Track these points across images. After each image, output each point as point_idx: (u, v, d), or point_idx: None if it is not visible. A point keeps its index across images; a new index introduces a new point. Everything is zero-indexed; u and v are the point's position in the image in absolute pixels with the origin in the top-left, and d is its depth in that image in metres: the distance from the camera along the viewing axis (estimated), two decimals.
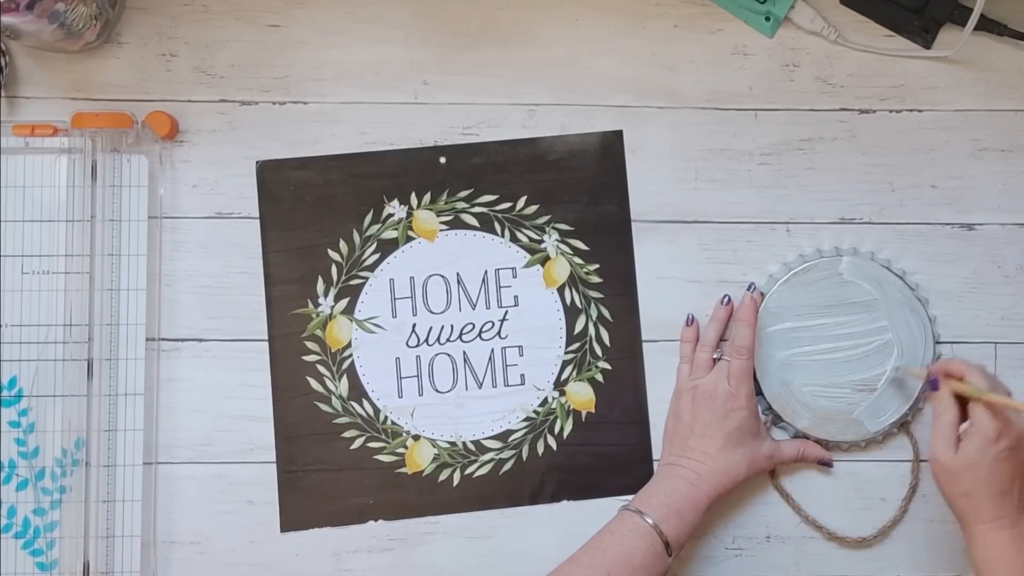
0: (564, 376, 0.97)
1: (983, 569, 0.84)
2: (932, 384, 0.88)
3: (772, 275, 0.97)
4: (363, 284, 0.97)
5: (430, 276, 0.97)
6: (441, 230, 0.97)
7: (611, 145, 0.98)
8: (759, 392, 0.95)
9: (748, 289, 0.95)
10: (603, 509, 0.92)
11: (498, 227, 0.97)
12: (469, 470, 0.96)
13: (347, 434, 0.96)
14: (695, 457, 0.91)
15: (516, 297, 0.97)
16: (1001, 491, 0.83)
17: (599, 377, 0.97)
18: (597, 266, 0.97)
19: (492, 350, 0.97)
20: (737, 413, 0.91)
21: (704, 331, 0.96)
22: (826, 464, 0.95)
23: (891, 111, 0.99)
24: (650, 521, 0.87)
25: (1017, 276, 0.98)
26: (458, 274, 0.97)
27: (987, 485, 0.83)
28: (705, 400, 0.92)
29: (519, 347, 0.97)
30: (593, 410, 0.96)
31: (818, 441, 0.95)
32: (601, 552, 0.86)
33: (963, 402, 0.86)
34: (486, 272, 0.97)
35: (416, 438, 0.96)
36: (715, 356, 0.94)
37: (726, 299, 0.96)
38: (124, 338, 0.95)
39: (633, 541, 0.86)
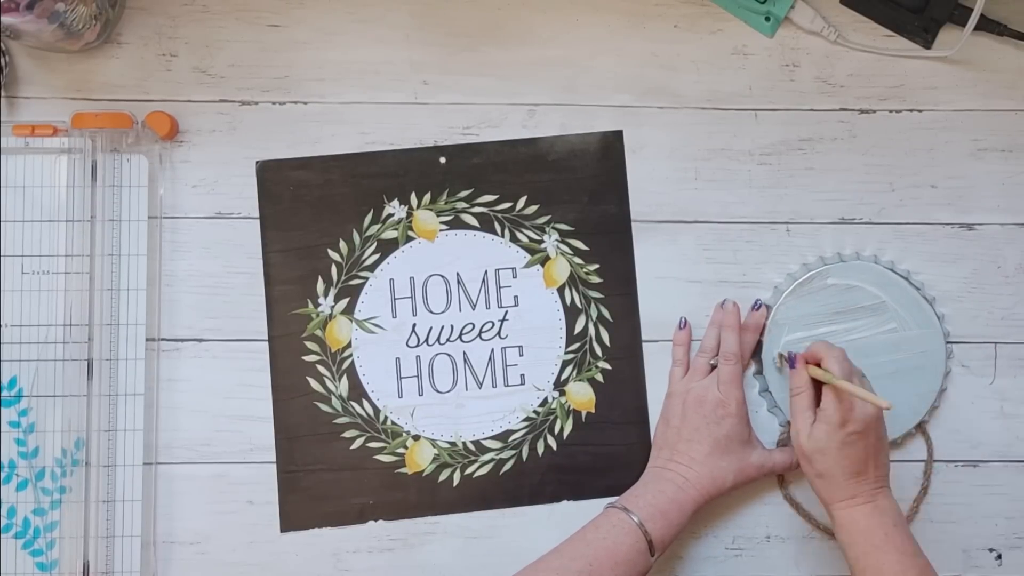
0: (564, 376, 0.97)
1: (845, 545, 0.86)
2: (790, 362, 0.90)
3: (777, 287, 0.97)
4: (363, 284, 0.97)
5: (430, 276, 0.97)
6: (441, 230, 0.97)
7: (611, 145, 0.98)
8: (775, 405, 0.95)
9: (754, 306, 0.95)
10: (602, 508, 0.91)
11: (498, 227, 0.97)
12: (469, 470, 0.96)
13: (347, 434, 0.96)
14: (683, 462, 0.91)
15: (516, 297, 0.97)
16: (854, 472, 0.85)
17: (599, 377, 0.97)
18: (597, 266, 0.97)
19: (492, 350, 0.97)
20: (727, 420, 0.91)
21: (704, 337, 0.96)
22: None
23: (891, 111, 0.99)
24: (636, 519, 0.87)
25: (1017, 276, 0.98)
26: (458, 274, 0.97)
27: (839, 467, 0.85)
28: (695, 405, 0.92)
29: (519, 347, 0.97)
30: (593, 410, 0.96)
31: None
32: (584, 544, 0.87)
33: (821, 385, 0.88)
34: (486, 272, 0.97)
35: (416, 438, 0.96)
36: (711, 362, 0.94)
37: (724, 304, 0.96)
38: (124, 338, 0.95)
39: (618, 537, 0.86)
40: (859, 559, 0.85)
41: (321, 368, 0.96)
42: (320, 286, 0.97)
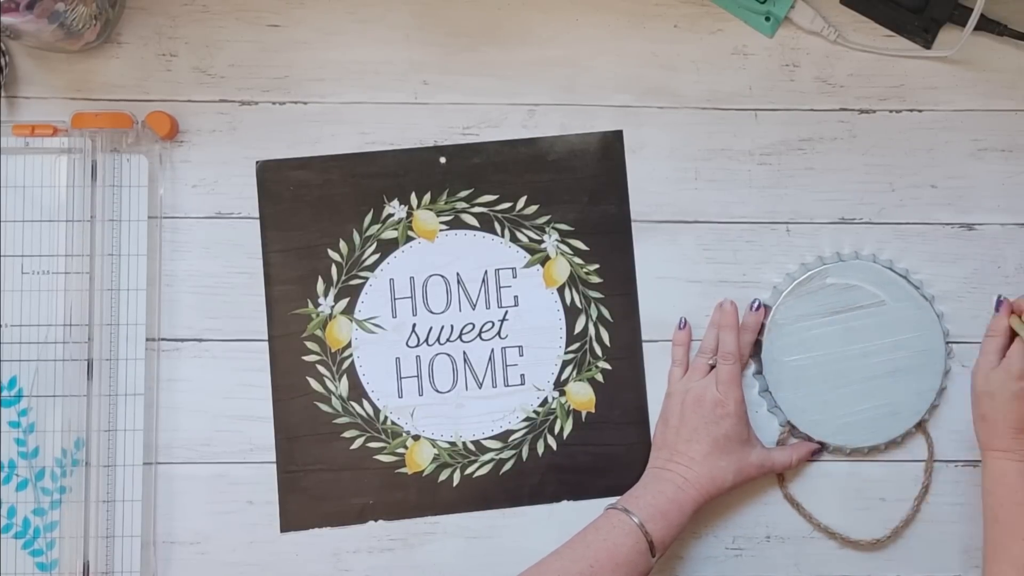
0: (564, 376, 0.97)
1: (987, 492, 0.88)
2: (996, 305, 0.92)
3: (776, 286, 0.97)
4: (363, 284, 0.97)
5: (430, 276, 0.97)
6: (441, 230, 0.97)
7: (611, 145, 0.98)
8: (775, 405, 0.95)
9: (753, 306, 0.95)
10: (603, 509, 0.91)
11: (498, 227, 0.97)
12: (469, 470, 0.96)
13: (347, 434, 0.96)
14: (682, 462, 0.91)
15: (516, 297, 0.97)
16: (1017, 427, 0.87)
17: (599, 377, 0.97)
18: (597, 266, 0.97)
19: (492, 350, 0.97)
20: (726, 420, 0.91)
21: (703, 337, 0.96)
22: (818, 452, 0.95)
23: (891, 111, 0.99)
24: (636, 520, 0.87)
25: (1017, 276, 0.98)
26: (458, 274, 0.97)
27: (1002, 416, 0.87)
28: (694, 405, 0.92)
29: (519, 347, 0.97)
30: (593, 410, 0.96)
31: (838, 448, 0.95)
32: (585, 546, 0.87)
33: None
34: (486, 272, 0.97)
35: (416, 438, 0.96)
36: (710, 362, 0.94)
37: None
38: (124, 338, 0.95)
39: (618, 538, 0.86)
40: (993, 509, 0.86)
41: (321, 368, 0.96)
42: (320, 286, 0.97)
